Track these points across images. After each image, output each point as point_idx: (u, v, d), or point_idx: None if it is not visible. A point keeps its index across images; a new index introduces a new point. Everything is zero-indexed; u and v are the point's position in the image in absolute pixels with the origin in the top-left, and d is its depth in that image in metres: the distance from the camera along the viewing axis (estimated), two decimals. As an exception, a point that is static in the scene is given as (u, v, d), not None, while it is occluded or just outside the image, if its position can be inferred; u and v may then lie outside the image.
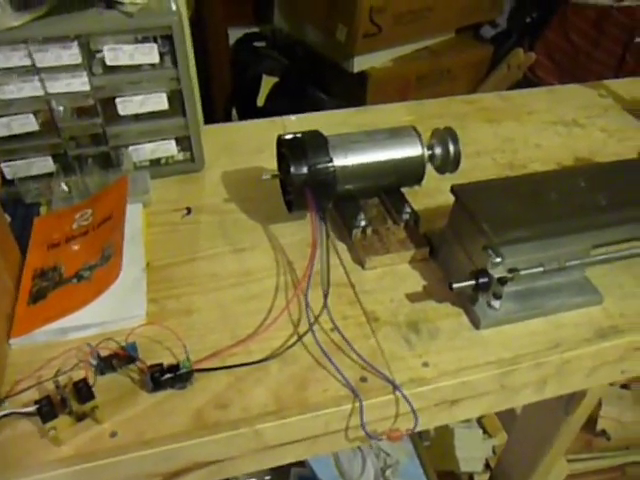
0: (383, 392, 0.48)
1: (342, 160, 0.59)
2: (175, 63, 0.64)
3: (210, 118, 1.61)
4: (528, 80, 1.54)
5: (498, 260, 0.49)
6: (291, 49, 1.54)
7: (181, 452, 0.44)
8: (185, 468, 0.46)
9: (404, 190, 0.65)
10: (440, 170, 0.65)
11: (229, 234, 0.64)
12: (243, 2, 1.61)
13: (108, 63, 0.62)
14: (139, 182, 0.68)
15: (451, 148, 0.63)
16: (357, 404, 0.46)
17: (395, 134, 0.61)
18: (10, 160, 0.65)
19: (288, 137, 0.59)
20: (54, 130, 0.65)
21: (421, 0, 1.40)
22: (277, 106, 1.51)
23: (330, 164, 0.57)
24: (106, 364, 0.47)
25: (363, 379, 0.48)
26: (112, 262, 0.53)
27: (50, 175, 0.67)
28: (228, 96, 1.52)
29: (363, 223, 0.60)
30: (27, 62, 0.59)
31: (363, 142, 0.60)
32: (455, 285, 0.50)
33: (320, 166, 0.57)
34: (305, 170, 0.57)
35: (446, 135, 0.63)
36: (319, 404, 0.46)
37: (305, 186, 0.57)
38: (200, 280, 0.58)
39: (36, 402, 0.42)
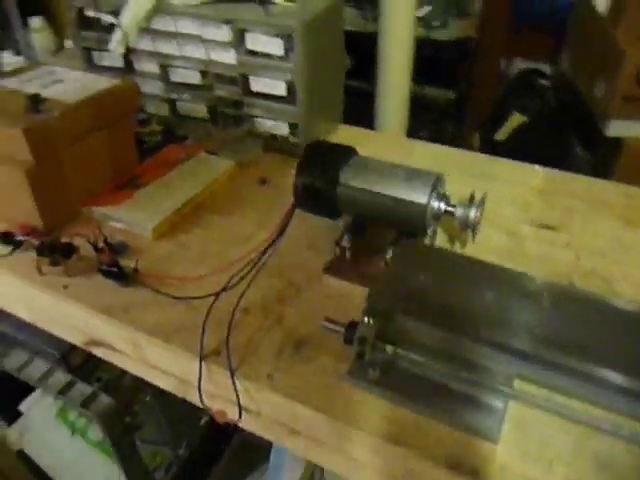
0: (224, 374, 0.52)
1: (349, 180, 0.61)
2: (297, 60, 0.75)
3: (452, 136, 1.63)
4: None
5: (367, 319, 0.46)
6: (560, 92, 1.41)
7: (91, 324, 0.60)
8: (96, 340, 0.62)
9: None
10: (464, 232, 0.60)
11: (270, 211, 0.73)
12: (541, 37, 1.54)
13: (248, 47, 0.77)
14: (247, 145, 0.83)
15: (471, 214, 0.58)
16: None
17: (413, 176, 0.59)
18: (183, 100, 0.88)
19: (317, 142, 0.64)
20: (210, 88, 0.85)
21: None
22: (518, 146, 1.43)
23: (330, 179, 0.60)
24: (96, 246, 0.64)
25: (217, 353, 0.53)
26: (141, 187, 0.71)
27: (203, 120, 0.88)
28: (477, 121, 1.51)
29: (345, 244, 0.62)
30: (199, 32, 0.79)
31: (380, 172, 0.61)
32: (324, 322, 0.49)
33: (321, 178, 0.61)
34: (306, 176, 0.61)
35: (473, 199, 0.58)
36: (174, 345, 0.54)
37: (303, 189, 0.62)
38: (213, 230, 0.70)
39: (40, 244, 0.63)
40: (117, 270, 0.61)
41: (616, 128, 1.22)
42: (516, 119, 1.40)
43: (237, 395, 0.51)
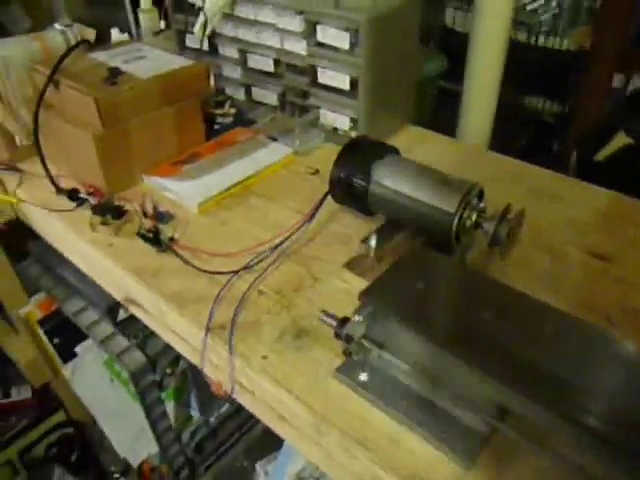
0: (226, 349, 0.54)
1: (380, 178, 0.60)
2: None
3: (553, 151, 1.53)
4: None
5: (357, 317, 0.46)
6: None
7: (125, 282, 0.65)
8: (130, 299, 0.66)
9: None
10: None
11: (312, 200, 0.74)
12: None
13: (318, 39, 0.78)
14: (309, 135, 0.85)
15: (498, 230, 0.54)
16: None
17: (446, 182, 0.57)
18: (256, 86, 0.92)
19: (359, 138, 0.64)
20: (281, 77, 0.87)
21: None
22: (617, 169, 1.31)
23: (363, 176, 0.60)
24: (145, 213, 0.69)
25: (223, 327, 0.56)
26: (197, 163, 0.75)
27: (273, 107, 0.91)
28: (575, 140, 1.40)
29: (372, 244, 0.61)
30: (275, 21, 0.81)
31: (413, 174, 0.59)
32: (321, 315, 0.49)
33: (354, 173, 0.61)
34: (341, 169, 0.62)
35: (505, 214, 0.55)
36: (187, 314, 0.57)
37: (337, 182, 0.62)
38: (255, 212, 0.72)
39: (96, 204, 0.69)
40: (153, 236, 0.65)
41: None
42: (621, 139, 1.27)
43: (232, 369, 0.53)
